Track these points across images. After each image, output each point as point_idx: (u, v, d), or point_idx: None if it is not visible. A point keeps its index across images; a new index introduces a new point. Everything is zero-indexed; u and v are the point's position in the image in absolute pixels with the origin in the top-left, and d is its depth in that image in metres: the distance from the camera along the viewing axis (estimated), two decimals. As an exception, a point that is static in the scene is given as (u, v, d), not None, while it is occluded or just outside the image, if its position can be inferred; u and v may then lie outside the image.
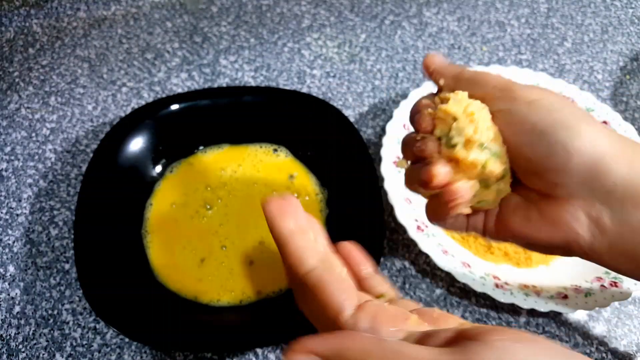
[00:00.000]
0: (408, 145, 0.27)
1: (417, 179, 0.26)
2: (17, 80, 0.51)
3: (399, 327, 0.19)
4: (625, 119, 0.50)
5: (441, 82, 0.27)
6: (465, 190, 0.25)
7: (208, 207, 0.41)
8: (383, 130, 0.46)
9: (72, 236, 0.40)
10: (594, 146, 0.23)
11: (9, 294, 0.38)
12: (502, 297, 0.36)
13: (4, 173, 0.44)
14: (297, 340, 0.18)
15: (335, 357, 0.17)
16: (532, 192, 0.25)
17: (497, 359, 0.15)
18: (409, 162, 0.28)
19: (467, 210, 0.26)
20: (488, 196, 0.26)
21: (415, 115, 0.27)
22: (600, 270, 0.38)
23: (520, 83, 0.25)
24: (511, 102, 0.24)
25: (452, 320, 0.20)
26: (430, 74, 0.28)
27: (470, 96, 0.25)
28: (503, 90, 0.25)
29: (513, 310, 0.39)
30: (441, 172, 0.25)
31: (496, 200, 0.27)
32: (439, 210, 0.27)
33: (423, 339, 0.18)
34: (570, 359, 0.16)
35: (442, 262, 0.37)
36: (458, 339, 0.16)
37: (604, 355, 0.38)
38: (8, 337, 0.36)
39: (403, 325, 0.19)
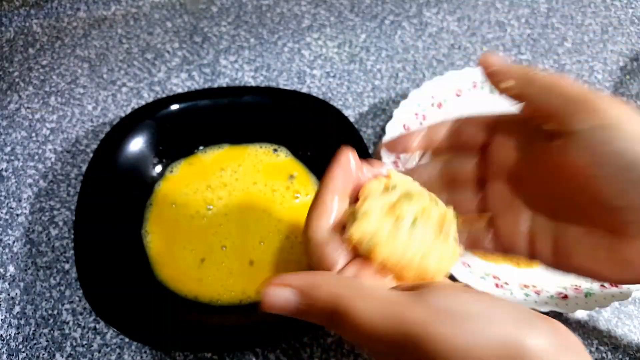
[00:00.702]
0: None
1: None
2: (17, 80, 0.51)
3: (378, 280, 0.21)
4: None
5: (508, 84, 0.23)
6: None
7: (208, 207, 0.41)
8: (383, 130, 0.46)
9: (72, 236, 0.40)
10: None
11: (9, 294, 0.38)
12: (502, 297, 0.36)
13: (4, 173, 0.44)
14: (274, 276, 0.20)
15: (308, 288, 0.19)
16: (597, 226, 0.23)
17: (444, 300, 0.17)
18: None
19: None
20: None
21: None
22: (600, 270, 0.38)
23: (600, 94, 0.22)
24: (589, 120, 0.21)
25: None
26: (491, 75, 0.24)
27: (542, 107, 0.22)
28: (581, 103, 0.21)
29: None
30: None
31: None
32: None
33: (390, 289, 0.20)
34: (507, 307, 0.18)
35: (442, 262, 0.37)
36: (414, 288, 0.19)
37: (604, 355, 0.38)
38: (8, 337, 0.36)
39: (382, 281, 0.21)
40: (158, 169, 0.42)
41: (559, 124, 0.22)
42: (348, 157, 0.23)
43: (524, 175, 0.25)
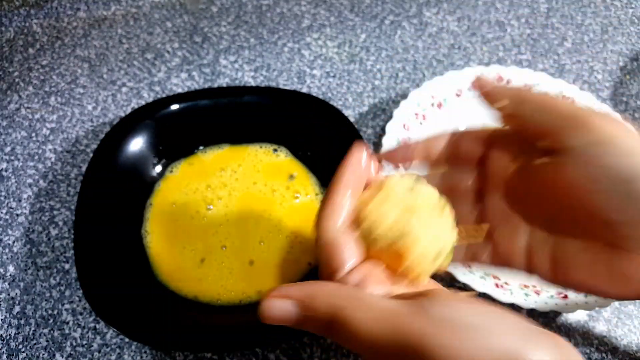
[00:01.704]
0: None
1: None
2: (17, 80, 0.51)
3: (383, 288, 0.21)
4: (625, 119, 0.50)
5: (502, 103, 0.24)
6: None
7: (208, 207, 0.41)
8: (383, 130, 0.46)
9: (72, 236, 0.40)
10: None
11: (9, 294, 0.38)
12: (502, 297, 0.36)
13: (4, 173, 0.44)
14: (273, 287, 0.20)
15: (307, 299, 0.19)
16: (595, 241, 0.23)
17: (445, 312, 0.17)
18: None
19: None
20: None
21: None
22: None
23: (595, 111, 0.22)
24: (584, 136, 0.21)
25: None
26: (486, 94, 0.25)
27: (536, 125, 0.23)
28: (575, 119, 0.22)
29: (513, 310, 0.39)
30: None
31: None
32: None
33: (392, 298, 0.20)
34: (507, 319, 0.17)
35: (442, 262, 0.37)
36: (415, 297, 0.19)
37: (604, 355, 0.38)
38: (8, 337, 0.36)
39: (387, 287, 0.21)
40: (158, 169, 0.42)
41: (553, 141, 0.22)
42: (360, 156, 0.23)
43: (521, 189, 0.25)
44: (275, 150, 0.44)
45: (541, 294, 0.37)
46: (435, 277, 0.39)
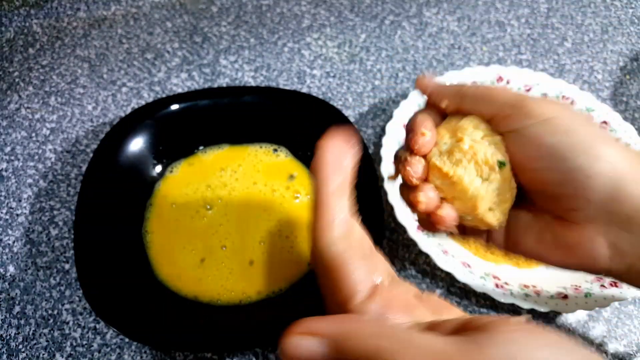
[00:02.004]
0: (399, 161, 0.26)
1: (406, 198, 0.26)
2: (17, 80, 0.51)
3: (408, 316, 0.19)
4: (625, 119, 0.50)
5: (444, 103, 0.25)
6: (450, 217, 0.24)
7: (208, 207, 0.41)
8: (383, 130, 0.46)
9: (72, 236, 0.40)
10: (614, 169, 0.22)
11: (9, 294, 0.38)
12: (502, 297, 0.36)
13: (4, 173, 0.44)
14: (296, 321, 0.17)
15: (340, 339, 0.16)
16: (545, 213, 0.24)
17: (507, 351, 0.15)
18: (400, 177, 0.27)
19: (454, 231, 0.25)
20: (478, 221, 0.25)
21: (410, 133, 0.25)
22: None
23: (532, 96, 0.23)
24: (524, 120, 0.23)
25: (453, 312, 0.21)
26: (429, 96, 0.26)
27: (477, 116, 0.24)
28: (514, 106, 0.23)
29: (513, 310, 0.39)
30: (426, 199, 0.24)
31: (489, 224, 0.25)
32: (427, 225, 0.26)
33: (430, 329, 0.18)
34: (576, 354, 0.16)
35: (442, 262, 0.37)
36: (465, 329, 0.17)
37: (604, 355, 0.38)
38: (8, 337, 0.36)
39: (412, 315, 0.19)
40: (158, 169, 0.42)
41: (496, 127, 0.24)
42: (337, 144, 0.22)
43: None
44: (275, 150, 0.44)
45: (541, 294, 0.37)
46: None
